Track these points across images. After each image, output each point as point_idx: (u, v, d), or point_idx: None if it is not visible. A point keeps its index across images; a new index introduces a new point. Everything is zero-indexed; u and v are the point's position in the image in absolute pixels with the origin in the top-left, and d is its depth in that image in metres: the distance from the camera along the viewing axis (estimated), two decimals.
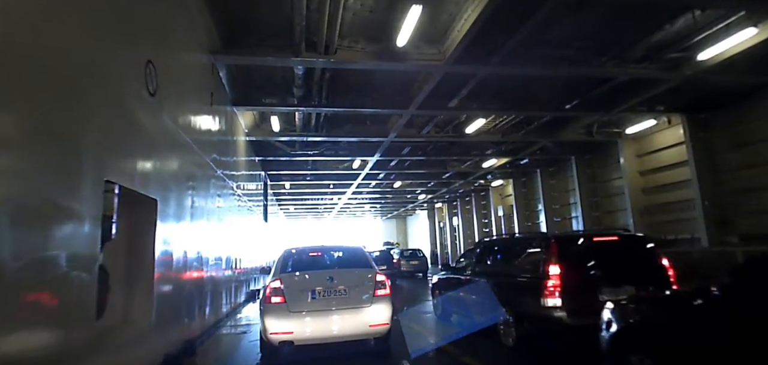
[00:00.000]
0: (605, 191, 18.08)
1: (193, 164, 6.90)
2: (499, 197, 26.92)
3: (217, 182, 9.06)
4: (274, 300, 5.41)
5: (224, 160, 9.93)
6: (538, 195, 22.21)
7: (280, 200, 29.02)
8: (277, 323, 5.32)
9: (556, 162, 20.56)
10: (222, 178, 9.60)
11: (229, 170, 10.89)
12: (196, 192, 6.96)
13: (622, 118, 15.35)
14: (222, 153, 9.64)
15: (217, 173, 8.94)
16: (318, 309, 5.45)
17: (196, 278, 7.04)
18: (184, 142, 6.36)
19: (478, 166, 20.46)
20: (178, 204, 5.94)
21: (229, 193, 10.70)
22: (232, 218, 11.05)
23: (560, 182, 20.91)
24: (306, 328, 5.33)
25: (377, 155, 16.55)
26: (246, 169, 13.77)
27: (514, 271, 6.87)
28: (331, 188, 24.96)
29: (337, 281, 5.58)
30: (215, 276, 8.80)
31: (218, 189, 9.14)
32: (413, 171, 20.88)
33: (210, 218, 8.20)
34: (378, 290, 5.64)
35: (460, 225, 32.39)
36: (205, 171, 7.80)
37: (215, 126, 8.84)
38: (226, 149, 10.43)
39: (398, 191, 28.97)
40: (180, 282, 6.07)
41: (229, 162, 10.83)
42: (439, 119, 13.85)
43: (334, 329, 5.41)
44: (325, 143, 15.58)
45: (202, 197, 7.48)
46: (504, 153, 17.81)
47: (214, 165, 8.54)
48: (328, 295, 5.49)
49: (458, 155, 18.28)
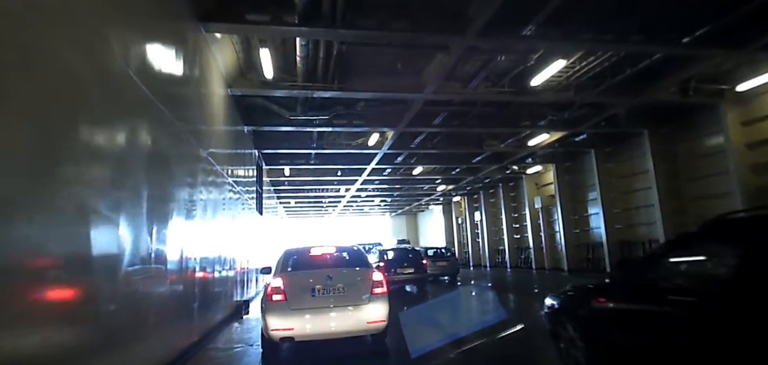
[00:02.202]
0: (691, 171, 14.17)
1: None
2: (535, 186, 23.03)
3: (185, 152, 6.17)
4: (275, 298, 5.51)
5: (193, 120, 6.65)
6: (591, 181, 18.33)
7: (279, 191, 25.17)
8: (278, 320, 5.45)
9: (617, 140, 16.68)
10: (190, 142, 6.33)
11: (203, 139, 7.31)
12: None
13: (729, 71, 11.56)
14: (186, 109, 6.32)
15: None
16: (318, 306, 5.58)
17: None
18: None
19: (521, 144, 16.57)
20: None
21: (204, 171, 7.25)
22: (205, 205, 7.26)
23: (622, 164, 17.01)
24: (306, 325, 5.47)
25: (403, 124, 12.70)
26: (229, 141, 9.96)
27: None
28: (339, 176, 21.10)
29: (335, 279, 5.71)
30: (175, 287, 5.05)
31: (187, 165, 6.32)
32: (441, 151, 17.02)
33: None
34: (375, 288, 5.76)
35: (483, 221, 28.51)
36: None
37: (170, 60, 5.47)
38: (192, 103, 6.71)
39: (415, 181, 25.13)
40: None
41: (203, 131, 7.38)
42: (496, 65, 9.99)
43: (333, 325, 5.55)
44: (335, 106, 11.71)
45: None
46: (562, 124, 13.93)
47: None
48: (328, 293, 5.61)
49: (502, 127, 14.38)
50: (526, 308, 10.25)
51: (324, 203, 32.57)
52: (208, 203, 7.52)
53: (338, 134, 15.28)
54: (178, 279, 5.76)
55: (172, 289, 5.48)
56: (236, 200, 10.84)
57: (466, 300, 11.68)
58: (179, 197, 5.87)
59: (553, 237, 21.71)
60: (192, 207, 6.51)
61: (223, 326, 8.44)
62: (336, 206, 34.26)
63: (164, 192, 5.32)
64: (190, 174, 6.48)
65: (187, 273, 6.21)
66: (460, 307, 6.63)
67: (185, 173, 6.27)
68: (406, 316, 5.08)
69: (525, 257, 24.06)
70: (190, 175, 6.51)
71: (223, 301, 8.89)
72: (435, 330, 4.75)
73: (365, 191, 26.88)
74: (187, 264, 6.11)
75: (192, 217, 6.46)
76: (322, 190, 26.20)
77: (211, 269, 7.69)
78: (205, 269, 7.23)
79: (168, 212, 5.36)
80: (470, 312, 8.15)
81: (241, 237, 11.63)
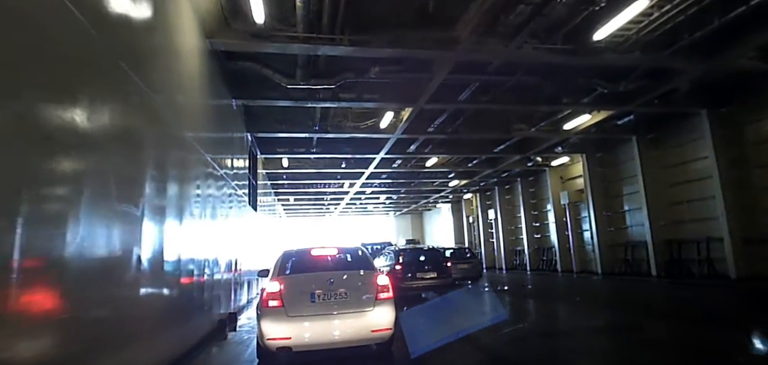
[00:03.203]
0: (766, 157, 11.94)
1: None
2: (560, 180, 20.82)
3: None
4: (271, 304, 5.08)
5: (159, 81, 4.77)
6: (630, 172, 16.16)
7: (276, 186, 22.95)
8: (274, 328, 4.99)
9: (663, 124, 14.50)
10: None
11: (174, 108, 5.51)
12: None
13: None
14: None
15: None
16: (318, 313, 5.12)
17: None
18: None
19: (555, 128, 14.36)
20: None
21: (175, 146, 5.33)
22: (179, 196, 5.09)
23: (670, 152, 14.78)
24: (305, 333, 5.03)
25: (424, 98, 10.51)
26: (211, 115, 7.77)
27: None
28: (344, 168, 18.87)
29: (337, 283, 5.27)
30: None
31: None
32: (461, 137, 14.83)
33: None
34: (380, 293, 5.31)
35: (498, 220, 26.28)
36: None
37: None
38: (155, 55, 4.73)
39: (426, 175, 22.92)
40: None
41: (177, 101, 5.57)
42: (551, 12, 7.79)
43: (334, 334, 5.09)
44: (344, 72, 9.48)
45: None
46: (612, 99, 11.74)
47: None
48: (329, 298, 5.16)
49: (539, 105, 12.16)
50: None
51: (325, 201, 30.32)
52: (174, 194, 5.33)
53: (345, 114, 13.08)
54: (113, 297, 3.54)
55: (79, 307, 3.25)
56: (222, 190, 8.64)
57: (542, 320, 9.40)
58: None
59: (581, 237, 19.49)
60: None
61: (194, 353, 6.21)
62: (338, 204, 32.03)
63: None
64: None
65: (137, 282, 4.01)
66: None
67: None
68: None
69: (548, 259, 21.82)
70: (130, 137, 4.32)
71: (196, 319, 6.65)
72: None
73: (371, 186, 24.65)
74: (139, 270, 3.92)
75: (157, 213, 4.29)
76: (324, 185, 23.97)
77: (175, 275, 5.47)
78: (166, 277, 5.03)
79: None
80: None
81: (228, 237, 9.43)
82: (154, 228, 4.57)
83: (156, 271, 4.65)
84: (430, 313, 6.21)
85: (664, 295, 12.31)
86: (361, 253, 6.35)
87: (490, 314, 6.94)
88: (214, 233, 7.87)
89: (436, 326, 5.05)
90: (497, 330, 6.06)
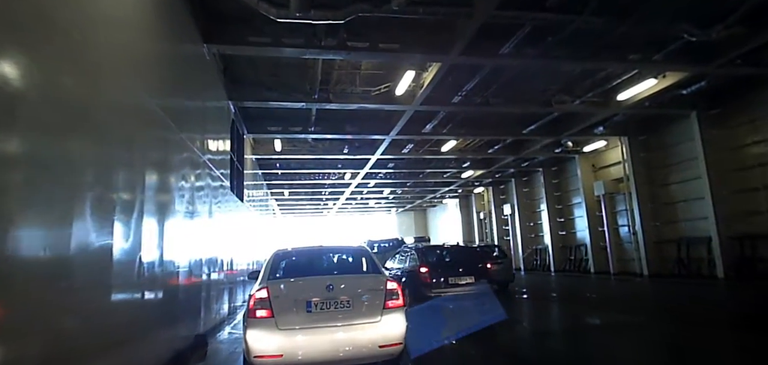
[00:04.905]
0: None
1: None
2: (592, 169, 18.34)
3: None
4: (259, 314, 4.26)
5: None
6: (685, 155, 13.74)
7: (269, 177, 20.34)
8: (262, 342, 4.19)
9: (729, 96, 12.07)
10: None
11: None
12: None
13: None
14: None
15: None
16: (314, 324, 4.34)
17: None
18: None
19: (607, 99, 11.87)
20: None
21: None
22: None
23: (739, 130, 12.35)
24: (298, 349, 4.25)
25: (462, 44, 7.98)
26: (165, 61, 5.21)
27: None
28: (346, 154, 16.31)
29: (338, 290, 4.48)
30: None
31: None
32: (489, 110, 12.31)
33: None
34: (389, 300, 4.55)
35: (515, 215, 23.80)
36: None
37: None
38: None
39: (437, 164, 20.42)
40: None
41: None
42: None
43: (334, 350, 4.33)
44: (356, 2, 6.91)
45: None
46: (697, 54, 9.28)
47: None
48: (327, 308, 4.40)
49: (598, 59, 9.64)
50: None
51: (323, 195, 27.71)
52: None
53: (352, 77, 10.54)
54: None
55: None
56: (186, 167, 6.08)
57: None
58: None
59: (618, 232, 17.04)
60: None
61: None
62: (337, 199, 29.44)
63: None
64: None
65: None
66: None
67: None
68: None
69: (576, 259, 19.32)
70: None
71: (144, 345, 4.07)
72: None
73: (374, 177, 22.10)
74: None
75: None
76: (323, 176, 21.39)
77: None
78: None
79: None
80: None
81: (200, 233, 6.86)
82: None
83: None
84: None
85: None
86: (364, 253, 5.63)
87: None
88: (175, 227, 5.31)
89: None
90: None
